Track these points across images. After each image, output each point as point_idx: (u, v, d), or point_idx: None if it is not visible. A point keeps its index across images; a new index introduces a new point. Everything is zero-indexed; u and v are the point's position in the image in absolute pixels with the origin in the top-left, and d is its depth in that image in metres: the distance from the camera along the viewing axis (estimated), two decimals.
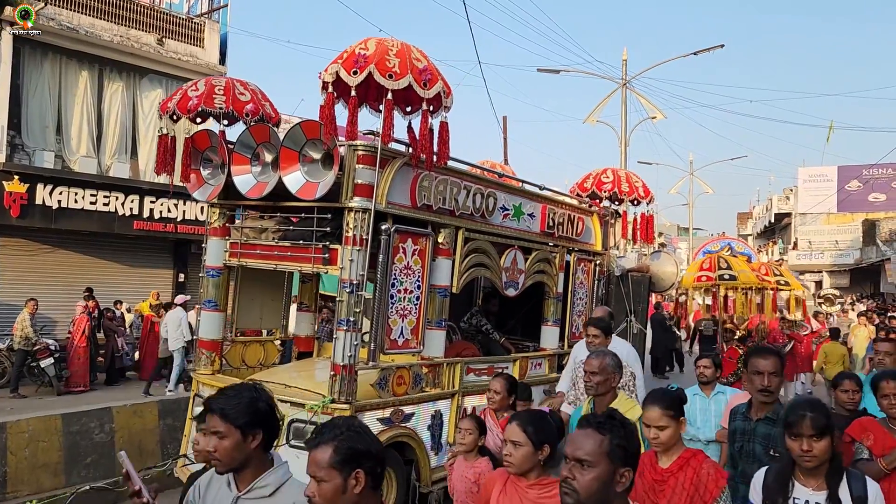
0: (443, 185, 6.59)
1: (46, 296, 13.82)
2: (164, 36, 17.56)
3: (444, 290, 6.79)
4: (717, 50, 25.91)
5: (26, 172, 13.70)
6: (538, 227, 8.04)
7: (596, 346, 5.44)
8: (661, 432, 3.22)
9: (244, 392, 2.60)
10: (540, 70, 28.04)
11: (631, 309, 9.28)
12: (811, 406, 2.94)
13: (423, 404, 6.62)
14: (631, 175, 9.35)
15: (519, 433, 3.01)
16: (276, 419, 2.67)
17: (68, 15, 15.42)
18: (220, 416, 2.51)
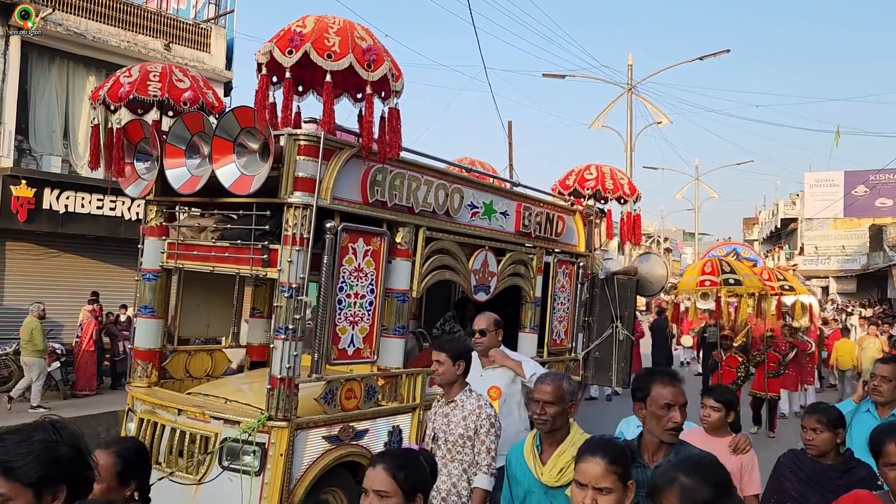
0: (399, 179, 5.92)
1: (53, 300, 13.58)
2: (170, 41, 17.48)
3: (402, 295, 6.11)
4: (724, 55, 25.52)
5: (34, 177, 13.52)
6: (512, 226, 7.35)
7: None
8: (602, 498, 2.35)
9: (35, 435, 1.92)
10: (545, 75, 27.64)
11: (617, 314, 8.56)
12: None
13: (378, 420, 5.94)
14: (616, 171, 8.64)
15: (387, 481, 2.31)
16: (87, 467, 1.99)
17: (76, 20, 15.29)
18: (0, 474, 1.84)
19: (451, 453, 4.20)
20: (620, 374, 8.56)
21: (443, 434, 4.25)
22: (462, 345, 4.38)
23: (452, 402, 4.24)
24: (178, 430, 5.38)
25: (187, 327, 6.55)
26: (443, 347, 4.29)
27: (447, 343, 4.38)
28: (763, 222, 53.89)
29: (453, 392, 4.26)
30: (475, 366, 4.88)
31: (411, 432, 6.24)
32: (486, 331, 5.10)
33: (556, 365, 8.09)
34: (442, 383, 4.31)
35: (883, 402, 4.48)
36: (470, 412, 4.16)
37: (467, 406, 4.19)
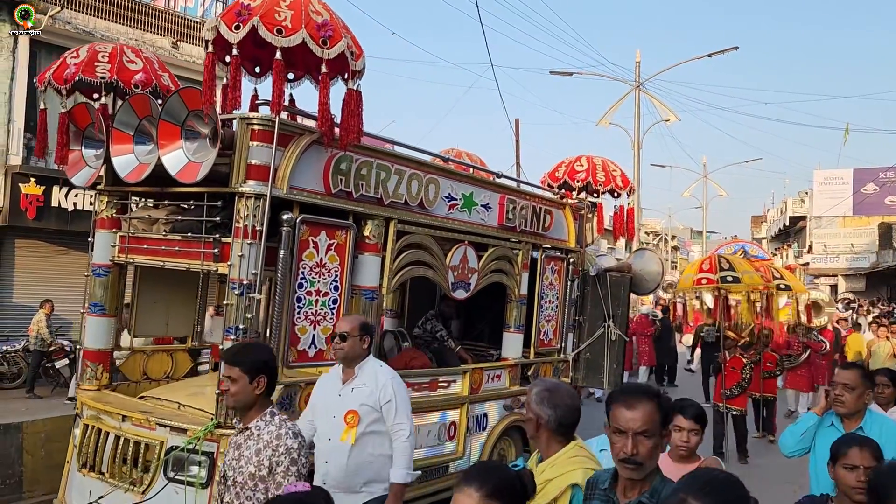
0: (366, 168, 5.45)
1: (61, 297, 13.35)
2: (178, 39, 17.46)
3: (371, 293, 5.64)
4: (732, 52, 25.09)
5: (42, 175, 13.25)
6: (495, 220, 6.86)
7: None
8: None
9: None
10: (553, 72, 27.30)
11: (609, 313, 8.06)
12: None
13: None
14: (608, 163, 8.13)
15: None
16: None
17: (84, 18, 15.15)
18: None
19: (239, 499, 3.15)
20: (613, 376, 8.05)
21: (232, 472, 3.20)
22: (262, 355, 3.28)
23: (247, 431, 3.20)
24: (123, 438, 4.93)
25: (144, 326, 6.09)
26: (234, 358, 3.20)
27: (241, 353, 3.28)
28: (771, 220, 53.11)
29: (250, 417, 3.21)
30: (331, 383, 4.22)
31: None
32: (347, 335, 4.07)
33: (544, 366, 7.61)
34: (235, 406, 3.26)
35: (846, 412, 3.99)
36: (266, 444, 3.11)
37: (264, 436, 3.14)
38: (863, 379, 3.99)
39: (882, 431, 3.85)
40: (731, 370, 10.36)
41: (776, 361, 11.92)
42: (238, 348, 3.42)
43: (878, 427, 3.90)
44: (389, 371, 4.30)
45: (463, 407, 6.52)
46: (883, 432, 3.84)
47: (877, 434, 3.80)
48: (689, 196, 43.18)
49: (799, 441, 4.13)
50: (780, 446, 4.34)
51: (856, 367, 4.12)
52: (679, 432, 3.60)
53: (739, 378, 10.27)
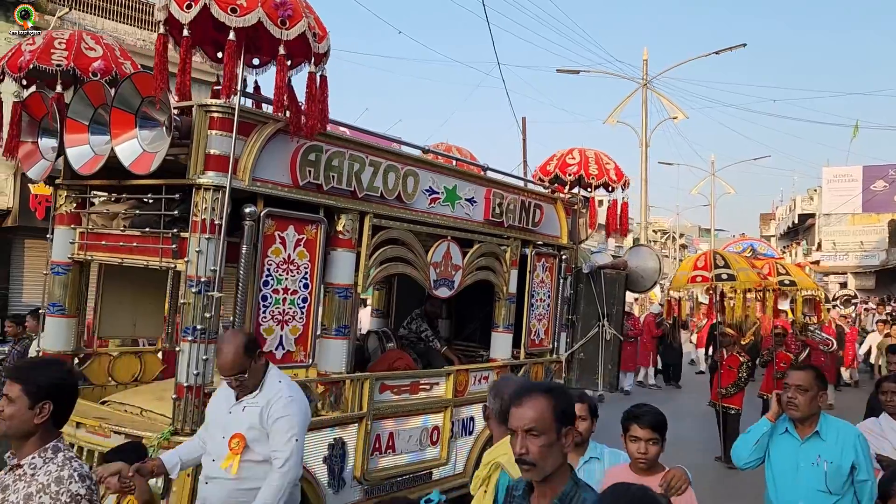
0: (338, 159, 5.11)
1: None
2: None
3: (344, 290, 5.30)
4: (740, 49, 24.77)
5: (52, 175, 13.07)
6: (481, 214, 6.50)
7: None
8: None
9: None
10: (559, 71, 27.09)
11: (604, 312, 7.69)
12: None
13: (314, 432, 5.12)
14: (601, 156, 7.75)
15: None
16: None
17: (92, 19, 15.17)
18: None
19: None
20: (608, 377, 7.69)
21: None
22: (54, 376, 2.61)
23: (19, 469, 2.50)
24: (76, 447, 4.60)
25: (109, 327, 5.77)
26: (16, 374, 2.59)
27: (27, 369, 2.68)
28: (780, 218, 52.42)
29: (25, 451, 2.52)
30: (225, 395, 3.70)
31: (357, 445, 5.44)
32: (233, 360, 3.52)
33: (535, 367, 7.25)
34: (7, 434, 2.56)
35: (800, 416, 3.71)
36: (42, 488, 2.43)
37: (40, 477, 2.46)
38: (816, 380, 3.71)
39: (839, 436, 3.65)
40: (728, 369, 9.98)
41: (790, 362, 11.50)
42: (26, 363, 2.95)
43: (835, 432, 3.69)
44: (287, 387, 3.63)
45: (447, 410, 6.17)
46: (840, 436, 3.65)
47: (833, 439, 3.65)
48: (698, 194, 42.94)
49: (752, 451, 3.83)
50: (733, 458, 4.02)
51: (808, 368, 3.86)
52: (635, 443, 3.26)
53: (735, 377, 9.88)
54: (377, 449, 5.63)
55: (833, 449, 3.61)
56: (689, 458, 9.90)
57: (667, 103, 26.77)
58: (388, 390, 5.72)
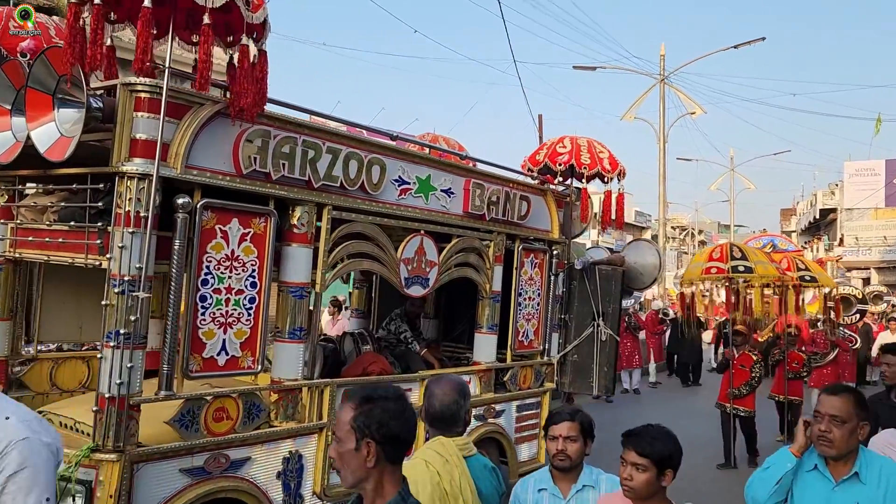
0: (289, 145, 4.57)
1: None
2: None
3: (299, 290, 4.77)
4: (759, 43, 24.26)
5: None
6: (460, 207, 5.94)
7: None
8: None
9: None
10: (576, 67, 26.75)
11: (598, 311, 7.07)
12: None
13: (266, 444, 4.61)
14: (594, 144, 7.13)
15: None
16: None
17: None
18: None
19: None
20: (603, 380, 7.08)
21: None
22: None
23: None
24: None
25: (51, 330, 5.28)
26: None
27: None
28: (801, 213, 51.13)
29: None
30: None
31: (317, 458, 4.90)
32: None
33: (523, 370, 6.66)
34: None
35: (835, 455, 2.88)
36: None
37: None
38: (856, 408, 2.88)
39: (883, 477, 2.84)
40: (740, 368, 9.31)
41: (803, 362, 10.79)
42: None
43: (878, 471, 2.86)
44: (18, 428, 2.08)
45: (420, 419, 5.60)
46: (883, 478, 2.83)
47: (875, 481, 2.83)
48: (717, 190, 41.93)
49: (773, 492, 2.99)
50: (748, 499, 3.16)
51: (847, 393, 2.96)
52: (623, 466, 2.66)
53: (748, 377, 9.21)
54: None
55: (875, 495, 2.82)
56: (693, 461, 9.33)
57: (684, 99, 26.34)
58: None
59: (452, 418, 2.74)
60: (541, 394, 6.88)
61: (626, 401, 13.74)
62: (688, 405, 13.29)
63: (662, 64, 25.81)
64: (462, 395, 2.79)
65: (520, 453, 6.56)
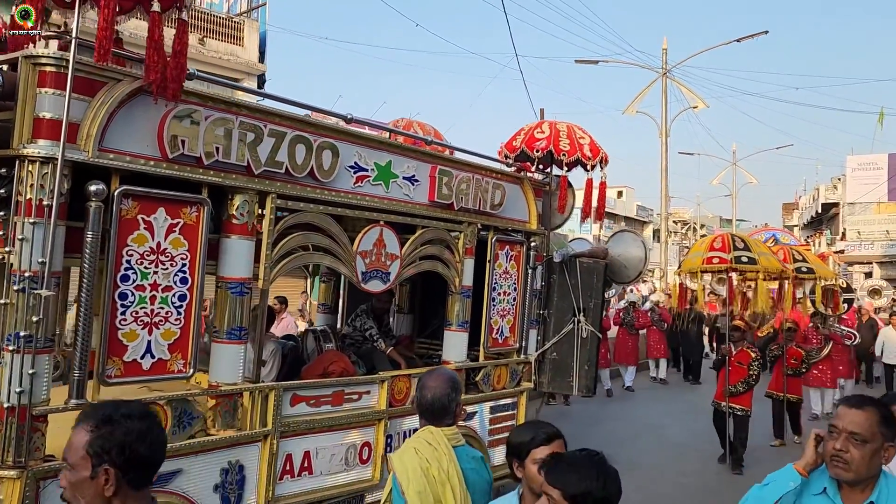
0: (223, 127, 4.09)
1: None
2: (204, 36, 16.97)
3: (239, 285, 4.29)
4: (762, 36, 23.81)
5: None
6: (425, 195, 5.44)
7: None
8: None
9: None
10: (578, 61, 26.43)
11: (579, 307, 6.57)
12: None
13: (200, 455, 4.13)
14: (575, 129, 6.60)
15: None
16: None
17: None
18: None
19: None
20: (584, 379, 6.58)
21: None
22: None
23: None
24: None
25: None
26: None
27: None
28: (803, 207, 50.38)
29: None
30: None
31: (261, 468, 4.43)
32: None
33: (497, 369, 6.17)
34: None
35: (852, 480, 2.36)
36: None
37: None
38: (882, 426, 2.35)
39: None
40: (738, 365, 8.79)
41: (801, 358, 10.27)
42: None
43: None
44: None
45: (380, 423, 5.14)
46: None
47: None
48: (719, 184, 41.46)
49: None
50: None
51: (873, 406, 2.40)
52: None
53: (746, 374, 8.68)
54: (288, 472, 4.62)
55: None
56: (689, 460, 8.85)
57: (687, 92, 26.00)
58: (303, 402, 4.70)
59: (443, 410, 2.76)
60: (517, 394, 6.39)
61: (620, 398, 13.27)
62: (686, 402, 12.77)
63: (664, 58, 25.48)
64: (454, 389, 2.82)
65: (494, 457, 6.07)
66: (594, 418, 10.74)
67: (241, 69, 18.10)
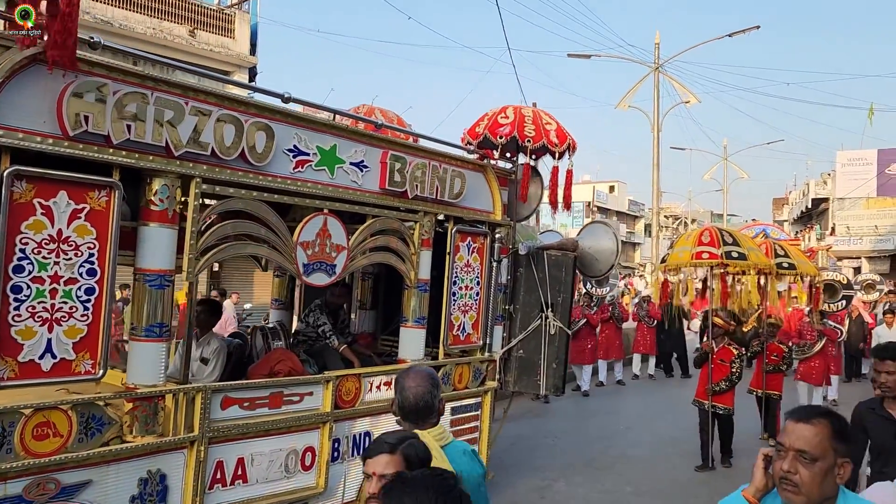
0: (135, 102, 3.65)
1: None
2: (195, 28, 16.85)
3: (159, 278, 3.86)
4: (753, 31, 23.51)
5: None
6: (375, 182, 5.01)
7: None
8: None
9: None
10: (570, 55, 26.18)
11: (547, 301, 6.15)
12: None
13: (114, 464, 3.71)
14: (541, 115, 6.16)
15: None
16: None
17: (101, 8, 14.77)
18: None
19: None
20: (552, 378, 6.16)
21: None
22: None
23: None
24: None
25: None
26: None
27: None
28: (793, 202, 50.02)
29: None
30: None
31: (186, 477, 4.00)
32: None
33: (458, 368, 5.75)
34: None
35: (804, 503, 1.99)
36: None
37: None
38: (833, 440, 1.99)
39: None
40: (720, 363, 8.37)
41: (782, 354, 9.85)
42: None
43: None
44: None
45: (325, 426, 4.72)
46: None
47: None
48: (710, 179, 41.11)
49: None
50: None
51: (823, 418, 2.03)
52: None
53: (728, 372, 8.26)
54: (219, 480, 4.20)
55: None
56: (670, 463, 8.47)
57: (679, 87, 25.75)
58: (235, 405, 4.27)
59: (427, 409, 2.64)
60: (481, 393, 5.97)
61: (606, 390, 12.89)
62: (668, 400, 12.36)
63: (657, 52, 25.25)
64: (434, 385, 2.69)
65: None
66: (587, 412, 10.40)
67: (233, 62, 17.79)
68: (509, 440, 8.36)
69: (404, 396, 2.64)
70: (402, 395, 2.65)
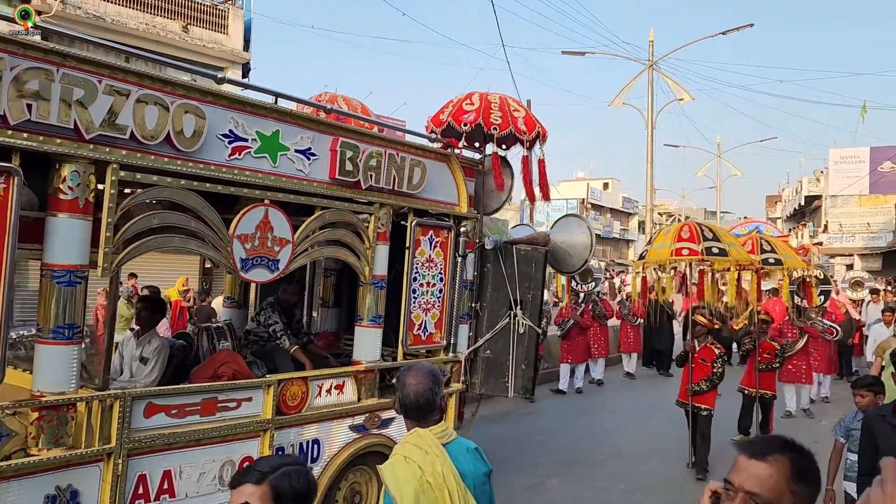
0: (37, 79, 3.25)
1: None
2: (188, 23, 16.61)
3: (68, 273, 3.46)
4: (747, 29, 23.32)
5: None
6: (325, 172, 4.60)
7: None
8: None
9: None
10: (565, 52, 25.87)
11: (516, 299, 5.75)
12: None
13: (14, 480, 3.31)
14: (508, 101, 5.75)
15: None
16: None
17: (94, 3, 14.61)
18: None
19: None
20: (521, 380, 5.76)
21: None
22: None
23: None
24: None
25: None
26: None
27: None
28: (786, 200, 49.73)
29: None
30: None
31: (102, 493, 3.61)
32: None
33: None
34: None
35: None
36: None
37: None
38: (793, 481, 1.53)
39: None
40: (701, 362, 8.00)
41: (775, 352, 9.48)
42: None
43: None
44: None
45: (265, 434, 4.32)
46: None
47: None
48: (703, 176, 40.85)
49: None
50: None
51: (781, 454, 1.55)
52: None
53: (709, 372, 7.90)
54: (142, 496, 3.80)
55: None
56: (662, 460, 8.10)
57: (673, 85, 25.48)
58: (161, 412, 3.87)
59: (428, 405, 2.59)
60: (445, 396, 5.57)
61: (596, 390, 12.53)
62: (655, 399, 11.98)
63: (651, 50, 25.04)
64: (435, 382, 2.64)
65: None
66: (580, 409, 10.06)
67: (226, 57, 17.61)
68: (500, 439, 8.05)
69: (405, 394, 2.58)
70: (402, 393, 2.60)
